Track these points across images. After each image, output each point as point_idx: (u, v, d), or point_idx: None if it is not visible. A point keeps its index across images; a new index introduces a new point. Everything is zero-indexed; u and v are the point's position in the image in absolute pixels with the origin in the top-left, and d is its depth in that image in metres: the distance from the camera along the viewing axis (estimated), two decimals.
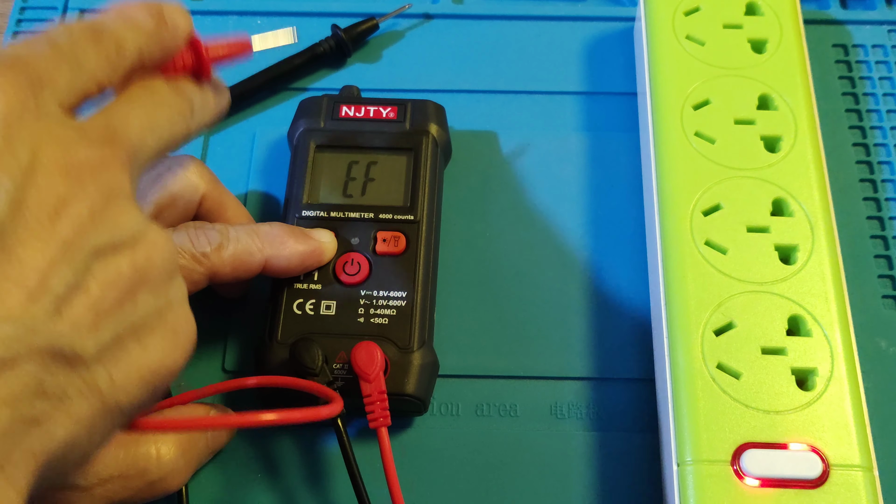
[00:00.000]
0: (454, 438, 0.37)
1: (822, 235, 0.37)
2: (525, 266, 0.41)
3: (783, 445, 0.33)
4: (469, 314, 0.40)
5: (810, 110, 0.40)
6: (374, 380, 0.34)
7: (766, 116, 0.40)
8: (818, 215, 0.38)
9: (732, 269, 0.36)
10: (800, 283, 0.36)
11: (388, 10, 0.47)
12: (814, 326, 0.35)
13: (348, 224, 0.38)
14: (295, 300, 0.37)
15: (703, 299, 0.36)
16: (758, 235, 0.37)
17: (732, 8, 0.43)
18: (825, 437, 0.33)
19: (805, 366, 0.34)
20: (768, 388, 0.34)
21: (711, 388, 0.34)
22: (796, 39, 0.42)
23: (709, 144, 0.39)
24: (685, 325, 0.35)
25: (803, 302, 0.36)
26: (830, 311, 0.35)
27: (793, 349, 0.35)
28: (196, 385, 0.38)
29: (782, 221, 0.37)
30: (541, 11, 0.48)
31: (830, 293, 0.36)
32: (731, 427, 0.33)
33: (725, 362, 0.34)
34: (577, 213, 0.42)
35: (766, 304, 0.36)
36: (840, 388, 0.34)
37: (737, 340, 0.35)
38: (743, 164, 0.39)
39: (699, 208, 0.38)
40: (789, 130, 0.40)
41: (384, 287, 0.37)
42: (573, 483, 0.36)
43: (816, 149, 0.39)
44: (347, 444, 0.34)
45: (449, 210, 0.42)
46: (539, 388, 0.38)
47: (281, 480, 0.36)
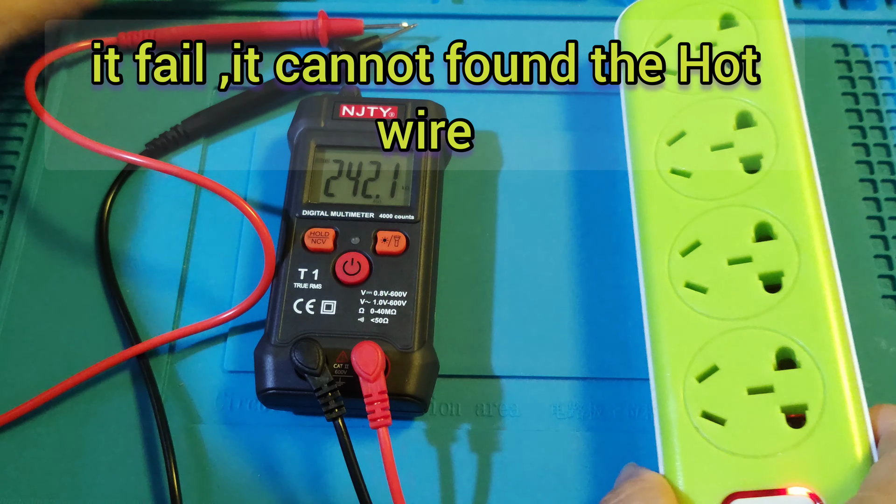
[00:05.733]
0: (454, 438, 0.37)
1: (811, 255, 0.34)
2: (525, 266, 0.41)
3: (780, 491, 0.30)
4: (469, 314, 0.40)
5: (796, 120, 0.38)
6: (375, 380, 0.34)
7: (744, 135, 0.38)
8: (805, 234, 0.35)
9: (713, 309, 0.34)
10: (786, 311, 0.33)
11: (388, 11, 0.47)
12: (803, 357, 0.32)
13: (348, 224, 0.38)
14: (295, 300, 0.37)
15: (683, 346, 0.34)
16: (740, 267, 0.35)
17: (706, 29, 0.40)
18: (820, 477, 0.30)
19: (795, 402, 0.32)
20: (757, 430, 0.31)
21: (695, 439, 0.32)
22: (778, 45, 0.40)
23: (684, 180, 0.37)
24: (667, 375, 0.34)
25: (790, 331, 0.33)
26: (821, 337, 0.32)
27: (781, 385, 0.32)
28: (196, 384, 0.38)
29: (766, 247, 0.35)
30: (541, 11, 0.48)
31: (821, 317, 0.33)
32: (716, 478, 0.31)
33: (709, 409, 0.32)
34: (578, 213, 0.42)
35: (750, 341, 0.33)
36: (835, 421, 0.31)
37: (721, 384, 0.33)
38: (722, 192, 0.36)
39: (677, 249, 0.36)
40: (770, 145, 0.37)
41: (384, 287, 0.37)
42: (573, 483, 0.36)
43: (803, 161, 0.37)
44: (348, 444, 0.34)
45: (449, 210, 0.42)
46: (539, 388, 0.38)
47: (281, 480, 0.36)
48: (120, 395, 0.38)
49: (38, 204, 0.43)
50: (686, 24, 0.41)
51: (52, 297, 0.40)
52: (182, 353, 0.39)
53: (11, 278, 0.41)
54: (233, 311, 0.38)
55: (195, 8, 0.48)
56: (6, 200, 0.43)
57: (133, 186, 0.43)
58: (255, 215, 0.37)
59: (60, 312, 0.40)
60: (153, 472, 0.36)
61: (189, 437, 0.37)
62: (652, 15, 0.42)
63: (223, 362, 0.39)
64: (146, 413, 0.38)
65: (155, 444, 0.37)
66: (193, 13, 0.48)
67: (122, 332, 0.39)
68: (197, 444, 0.37)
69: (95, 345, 0.39)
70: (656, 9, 0.42)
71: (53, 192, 0.43)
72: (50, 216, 0.42)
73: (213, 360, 0.39)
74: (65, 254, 0.41)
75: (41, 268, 0.41)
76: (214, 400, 0.38)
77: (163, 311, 0.40)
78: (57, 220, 0.42)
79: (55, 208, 0.43)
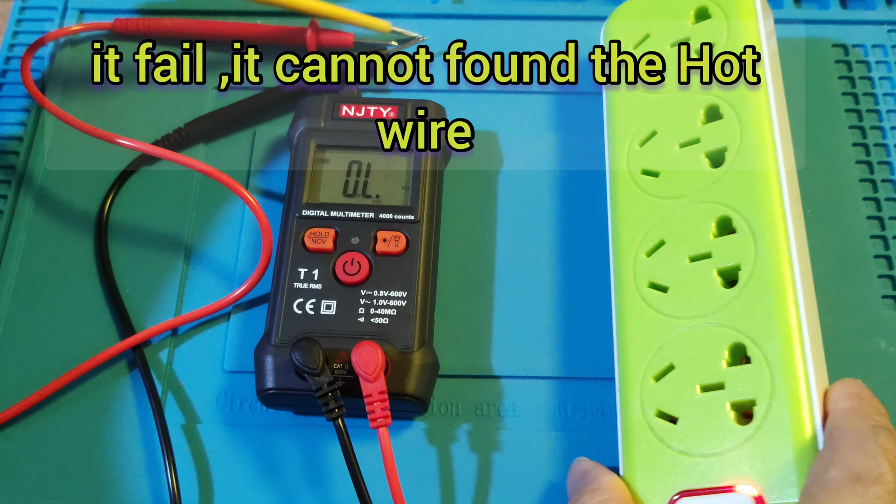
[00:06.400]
0: (454, 438, 0.37)
1: (766, 248, 0.33)
2: (525, 266, 0.41)
3: (728, 488, 0.30)
4: (469, 314, 0.40)
5: (764, 112, 0.36)
6: (375, 380, 0.34)
7: (710, 129, 0.37)
8: (763, 226, 0.34)
9: (673, 308, 0.34)
10: (740, 306, 0.33)
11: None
12: (754, 352, 0.32)
13: (348, 224, 0.38)
14: (295, 300, 0.37)
15: (642, 346, 0.34)
16: (700, 264, 0.34)
17: (680, 28, 0.40)
18: (763, 474, 0.29)
19: (744, 398, 0.31)
20: (707, 428, 0.31)
21: (648, 439, 0.32)
22: (749, 40, 0.38)
23: (653, 180, 0.37)
24: (627, 375, 0.34)
25: (743, 326, 0.32)
26: (771, 330, 0.32)
27: (732, 382, 0.32)
28: (196, 385, 0.38)
29: (725, 242, 0.34)
30: (541, 11, 0.48)
31: (771, 310, 0.32)
32: (666, 477, 0.31)
33: (664, 408, 0.32)
34: (578, 213, 0.42)
35: (705, 338, 0.33)
36: (780, 415, 0.30)
37: (676, 383, 0.33)
38: (688, 189, 0.36)
39: (643, 250, 0.36)
40: (734, 138, 0.36)
41: (384, 287, 0.37)
42: None
43: (768, 153, 0.35)
44: (348, 444, 0.34)
45: (449, 210, 0.42)
46: (539, 388, 0.38)
47: (281, 480, 0.36)
48: (119, 396, 0.38)
49: (38, 203, 0.43)
50: (662, 24, 0.41)
51: (53, 296, 0.40)
52: (182, 354, 0.39)
53: (12, 278, 0.41)
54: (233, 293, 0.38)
55: (196, 7, 0.48)
56: (6, 200, 0.43)
57: (133, 186, 0.43)
58: (254, 201, 0.38)
59: (61, 312, 0.40)
60: (153, 473, 0.36)
61: (189, 436, 0.37)
62: (634, 16, 0.42)
63: (223, 362, 0.39)
64: (145, 413, 0.38)
65: (154, 445, 0.37)
66: (194, 12, 0.48)
67: (123, 331, 0.39)
68: (196, 444, 0.37)
69: (95, 344, 0.39)
70: (637, 10, 0.42)
71: (53, 191, 0.43)
72: (50, 216, 0.42)
73: (212, 360, 0.39)
74: (65, 254, 0.41)
75: (41, 268, 0.41)
76: (214, 400, 0.38)
77: (163, 310, 0.40)
78: (57, 220, 0.42)
79: (55, 208, 0.43)
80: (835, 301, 0.40)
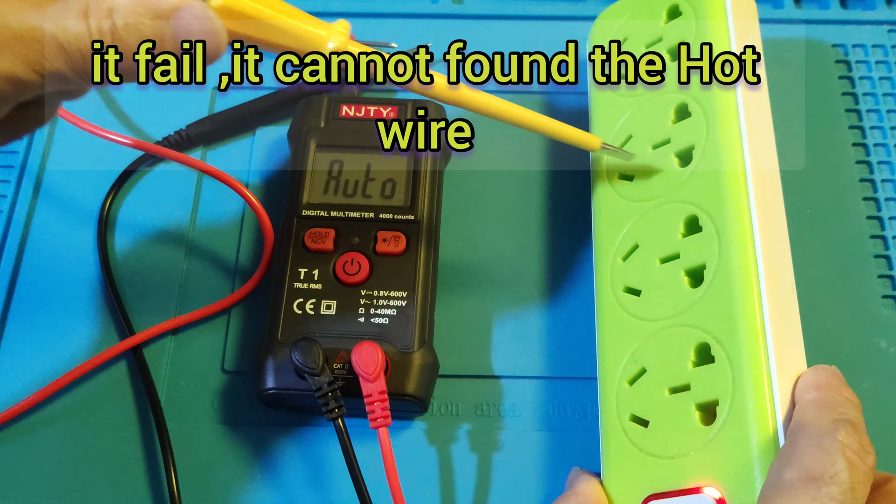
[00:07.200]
0: (454, 438, 0.37)
1: (728, 245, 0.33)
2: (525, 265, 0.41)
3: (695, 490, 0.29)
4: (469, 314, 0.40)
5: (732, 108, 0.36)
6: (375, 380, 0.34)
7: (679, 128, 0.37)
8: (728, 225, 0.33)
9: (645, 311, 0.34)
10: (705, 305, 0.32)
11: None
12: (717, 351, 0.31)
13: (349, 224, 0.38)
14: (295, 300, 0.37)
15: (618, 350, 0.34)
16: (669, 265, 0.34)
17: (653, 27, 0.40)
18: (726, 474, 0.29)
19: (708, 398, 0.31)
20: (674, 430, 0.31)
21: (622, 443, 0.32)
22: (718, 37, 0.38)
23: (628, 183, 0.38)
24: (604, 380, 0.34)
25: (707, 326, 0.32)
26: (731, 328, 0.31)
27: (697, 382, 0.31)
28: (196, 385, 0.38)
29: (691, 241, 0.34)
30: (541, 11, 0.48)
31: (737, 308, 0.31)
32: (637, 480, 0.31)
33: (636, 412, 0.32)
34: (578, 213, 0.42)
35: (673, 339, 0.33)
36: (740, 414, 0.29)
37: (647, 386, 0.33)
38: (659, 191, 0.36)
39: (619, 255, 0.36)
40: (700, 137, 0.36)
41: (384, 287, 0.37)
42: None
43: (734, 151, 0.35)
44: (348, 444, 0.34)
45: (449, 210, 0.42)
46: (539, 388, 0.38)
47: (281, 480, 0.36)
48: (119, 396, 0.38)
49: (38, 203, 0.43)
50: (637, 24, 0.41)
51: (53, 296, 0.40)
52: (182, 354, 0.39)
53: (12, 278, 0.41)
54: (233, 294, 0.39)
55: None
56: (7, 199, 0.43)
57: (133, 186, 0.43)
58: (256, 201, 0.38)
59: (61, 312, 0.40)
60: (153, 473, 0.36)
61: (188, 437, 0.37)
62: (615, 17, 0.42)
63: (223, 362, 0.39)
64: (145, 413, 0.38)
65: (154, 445, 0.37)
66: None
67: (122, 331, 0.39)
68: (196, 444, 0.37)
69: (95, 344, 0.39)
70: (619, 12, 0.42)
71: (54, 191, 0.43)
72: (50, 216, 0.42)
73: (212, 360, 0.39)
74: (65, 254, 0.41)
75: (42, 267, 0.41)
76: (214, 400, 0.38)
77: (163, 310, 0.40)
78: (57, 220, 0.42)
79: (56, 208, 0.43)
80: (835, 301, 0.40)
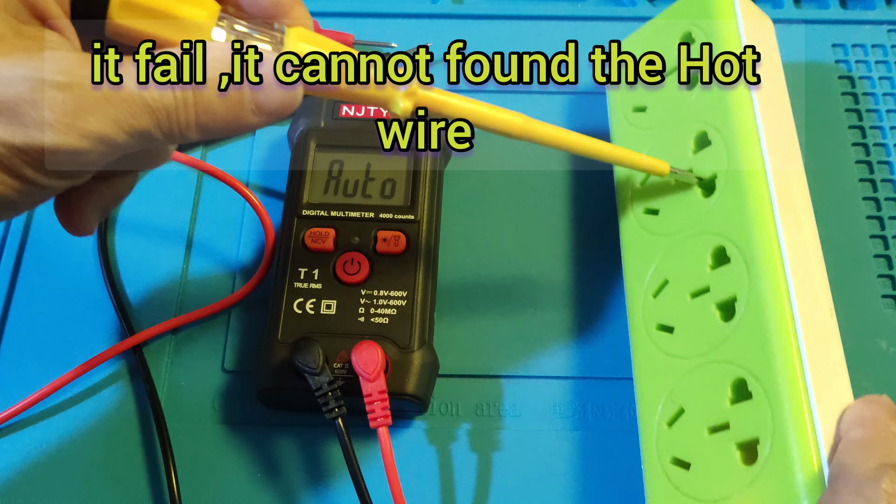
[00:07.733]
0: (454, 438, 0.37)
1: (758, 275, 0.32)
2: (525, 265, 0.41)
3: None
4: (469, 314, 0.40)
5: (752, 137, 0.35)
6: (375, 379, 0.34)
7: (701, 157, 0.36)
8: (756, 254, 0.32)
9: (679, 348, 0.33)
10: (739, 339, 0.31)
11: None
12: (754, 386, 0.30)
13: (348, 223, 0.38)
14: (295, 300, 0.37)
15: (655, 391, 0.33)
16: (701, 299, 0.33)
17: (671, 47, 0.40)
18: None
19: (748, 437, 0.30)
20: (716, 472, 0.30)
21: (665, 487, 0.31)
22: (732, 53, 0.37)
23: (654, 218, 0.37)
24: (644, 423, 0.33)
25: (742, 360, 0.31)
26: (767, 362, 0.30)
27: (736, 420, 0.30)
28: (196, 384, 0.38)
29: (720, 273, 0.33)
30: (541, 11, 0.48)
31: (771, 340, 0.30)
32: None
33: (678, 454, 0.31)
34: (577, 213, 0.42)
35: (709, 376, 0.32)
36: (783, 454, 0.28)
37: (686, 427, 0.32)
38: (684, 223, 0.35)
39: (650, 291, 0.35)
40: (722, 161, 0.35)
41: (384, 287, 0.37)
42: (573, 483, 0.36)
43: (757, 175, 0.34)
44: (348, 444, 0.34)
45: (449, 210, 0.42)
46: (539, 388, 0.38)
47: (281, 480, 0.36)
48: (119, 396, 0.38)
49: None
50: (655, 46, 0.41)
51: (53, 296, 0.40)
52: (182, 354, 0.39)
53: (12, 278, 0.41)
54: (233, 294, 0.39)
55: None
56: None
57: None
58: (258, 201, 0.39)
59: (61, 312, 0.40)
60: (153, 473, 0.36)
61: (188, 437, 0.37)
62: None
63: (223, 362, 0.39)
64: (145, 413, 0.38)
65: (154, 445, 0.37)
66: None
67: (123, 331, 0.39)
68: (196, 444, 0.37)
69: (95, 344, 0.39)
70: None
71: None
72: (51, 215, 0.42)
73: (212, 359, 0.39)
74: (65, 254, 0.41)
75: (42, 267, 0.41)
76: (214, 400, 0.38)
77: (163, 310, 0.40)
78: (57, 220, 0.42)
79: None
80: (835, 301, 0.40)
